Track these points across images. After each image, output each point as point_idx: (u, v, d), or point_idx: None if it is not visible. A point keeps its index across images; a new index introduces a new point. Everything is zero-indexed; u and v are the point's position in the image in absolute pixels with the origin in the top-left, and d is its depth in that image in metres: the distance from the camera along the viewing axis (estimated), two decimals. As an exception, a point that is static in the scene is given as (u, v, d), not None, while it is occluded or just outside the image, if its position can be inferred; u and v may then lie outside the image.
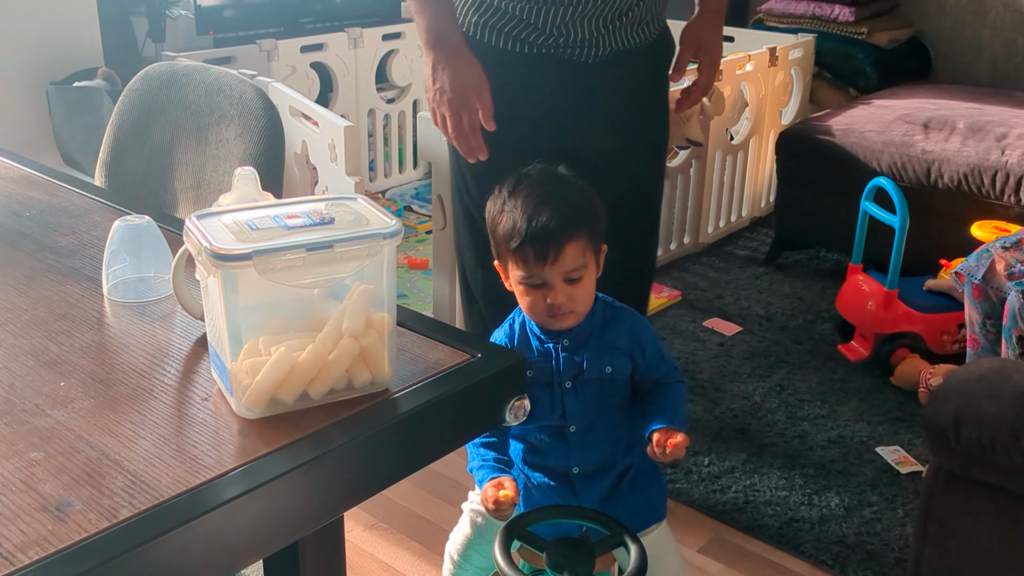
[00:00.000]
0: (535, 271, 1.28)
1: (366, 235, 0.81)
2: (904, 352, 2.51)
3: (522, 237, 1.27)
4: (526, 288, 1.30)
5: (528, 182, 1.33)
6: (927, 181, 2.86)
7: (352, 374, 0.85)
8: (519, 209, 1.29)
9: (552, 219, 1.27)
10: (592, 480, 1.39)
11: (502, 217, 1.31)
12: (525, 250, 1.27)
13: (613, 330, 1.37)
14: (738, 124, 3.43)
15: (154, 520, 0.69)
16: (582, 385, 1.35)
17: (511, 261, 1.30)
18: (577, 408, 1.36)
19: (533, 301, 1.30)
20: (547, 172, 1.37)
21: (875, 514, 2.02)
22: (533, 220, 1.27)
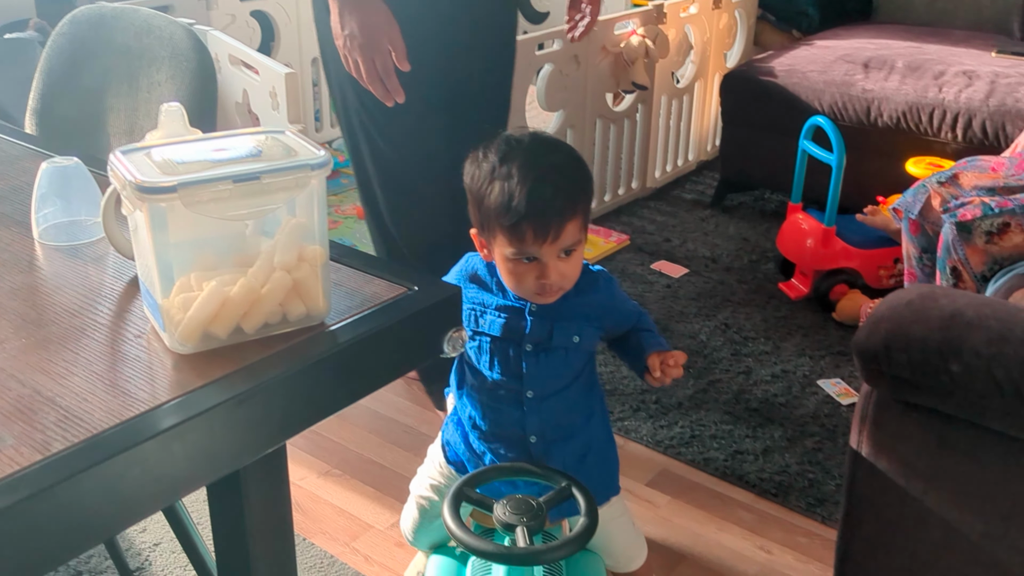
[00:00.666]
0: (530, 248, 1.22)
1: (294, 166, 0.81)
2: (842, 288, 2.57)
3: (521, 214, 1.20)
4: (516, 263, 1.25)
5: (522, 150, 1.25)
6: (867, 120, 2.90)
7: (286, 308, 0.85)
8: (517, 182, 1.21)
9: (556, 197, 1.21)
10: (551, 450, 1.37)
11: (492, 188, 1.23)
12: (522, 228, 1.21)
13: (587, 297, 1.34)
14: (683, 67, 3.44)
15: (87, 452, 0.69)
16: (545, 352, 1.32)
17: (501, 235, 1.23)
18: (536, 372, 1.33)
19: (522, 276, 1.25)
20: (539, 139, 1.30)
21: (816, 444, 2.08)
22: (534, 196, 1.20)
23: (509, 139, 1.28)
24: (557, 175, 1.24)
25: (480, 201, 1.26)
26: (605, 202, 3.26)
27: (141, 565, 1.73)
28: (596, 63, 2.96)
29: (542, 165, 1.24)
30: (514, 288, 1.29)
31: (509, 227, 1.22)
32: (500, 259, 1.27)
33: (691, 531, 1.84)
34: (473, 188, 1.28)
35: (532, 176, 1.22)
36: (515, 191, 1.21)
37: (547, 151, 1.28)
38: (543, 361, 1.32)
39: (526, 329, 1.31)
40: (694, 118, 3.58)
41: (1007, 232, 1.77)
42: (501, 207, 1.22)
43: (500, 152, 1.25)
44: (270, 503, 0.94)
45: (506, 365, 1.33)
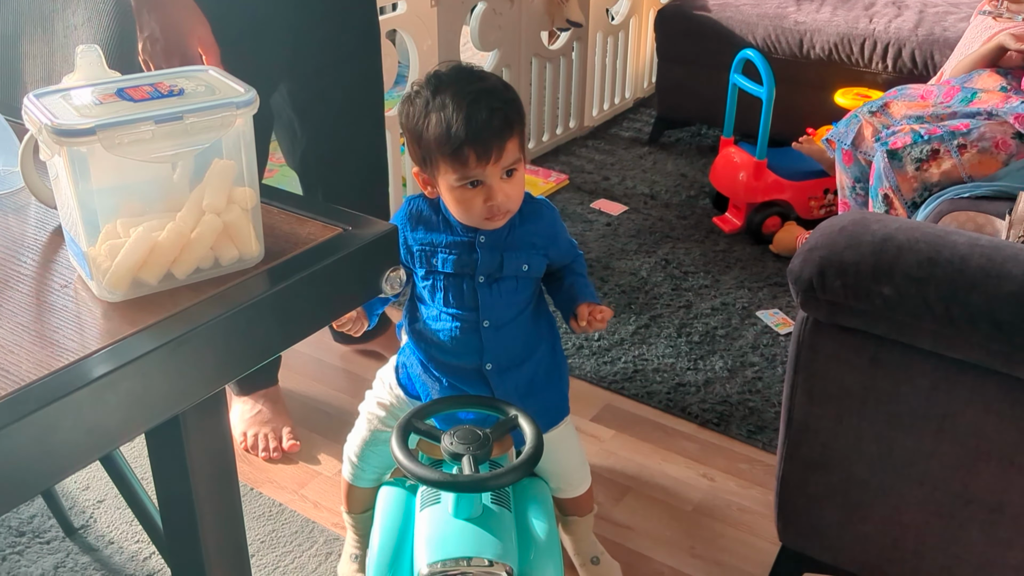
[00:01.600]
0: (474, 172, 1.26)
1: (217, 104, 0.79)
2: (775, 220, 2.61)
3: (462, 139, 1.24)
4: (462, 190, 1.28)
5: (451, 80, 1.28)
6: (799, 52, 2.92)
7: (218, 251, 0.84)
8: (452, 110, 1.25)
9: (493, 117, 1.25)
10: (505, 377, 1.41)
11: (430, 120, 1.26)
12: (464, 152, 1.24)
13: (531, 225, 1.38)
14: (617, 4, 3.41)
15: (16, 403, 0.67)
16: (497, 281, 1.36)
17: (444, 164, 1.27)
18: (491, 302, 1.37)
19: (469, 203, 1.29)
20: (462, 69, 1.32)
21: (756, 374, 2.12)
22: (472, 120, 1.24)
23: (437, 73, 1.30)
24: (490, 97, 1.27)
25: (419, 136, 1.28)
26: (543, 142, 3.25)
27: (85, 523, 1.71)
28: (530, 1, 2.92)
29: (473, 91, 1.27)
30: (462, 217, 1.32)
31: (451, 154, 1.25)
32: (446, 190, 1.30)
33: (636, 463, 1.88)
34: (410, 126, 1.30)
35: (466, 102, 1.25)
36: (452, 118, 1.24)
37: (475, 78, 1.30)
38: (496, 291, 1.37)
39: (478, 262, 1.35)
40: (630, 55, 3.56)
41: (936, 158, 1.80)
42: (441, 136, 1.25)
43: (431, 86, 1.28)
44: (212, 448, 0.93)
45: (461, 299, 1.37)
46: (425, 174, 1.33)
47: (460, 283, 1.37)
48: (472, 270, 1.35)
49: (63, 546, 1.66)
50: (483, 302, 1.37)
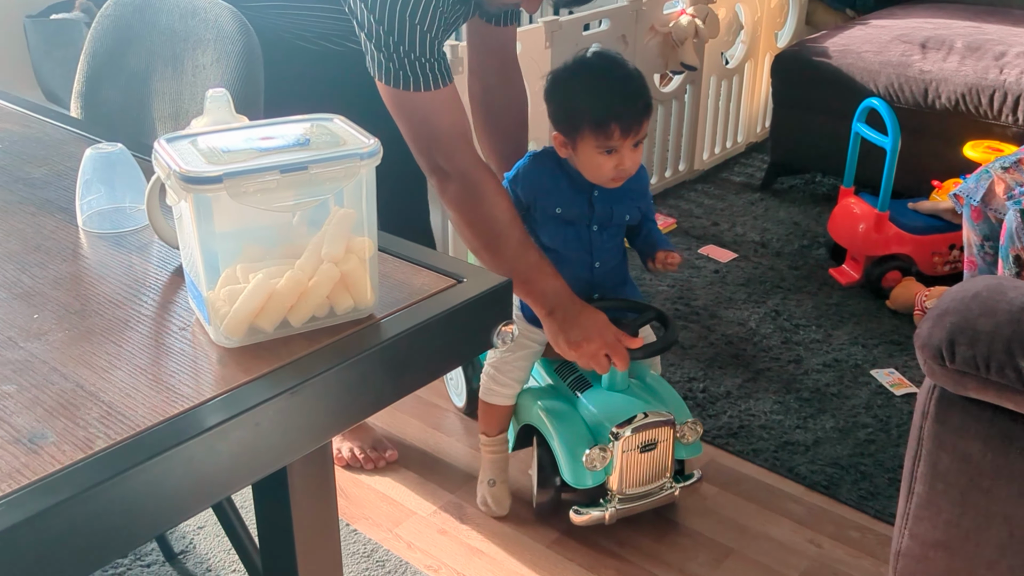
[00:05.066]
0: (614, 143, 1.56)
1: (343, 155, 0.78)
2: (895, 274, 2.50)
3: (611, 116, 1.54)
4: (599, 156, 1.58)
5: (599, 64, 1.61)
6: (924, 102, 2.82)
7: (334, 301, 0.83)
8: (604, 90, 1.56)
9: (637, 101, 1.57)
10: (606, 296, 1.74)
11: (580, 95, 1.57)
12: (610, 127, 1.55)
13: (633, 183, 1.67)
14: (733, 47, 3.36)
15: (130, 450, 0.68)
16: (607, 229, 1.69)
17: (590, 134, 1.56)
18: (603, 247, 1.70)
19: (602, 166, 1.59)
20: (607, 55, 1.64)
21: (869, 436, 2.02)
22: (620, 101, 1.55)
23: (586, 58, 1.63)
24: (634, 83, 1.60)
25: (570, 107, 1.58)
26: (652, 184, 3.21)
27: (185, 548, 1.74)
28: (644, 43, 2.90)
29: (621, 75, 1.59)
30: (592, 176, 1.62)
31: (599, 127, 1.55)
32: (585, 153, 1.59)
33: (739, 524, 1.81)
34: (560, 97, 1.61)
35: (617, 85, 1.57)
36: (604, 97, 1.56)
37: (620, 64, 1.62)
38: (607, 237, 1.70)
39: (595, 213, 1.67)
40: (744, 99, 3.50)
41: (1075, 220, 1.70)
42: (593, 111, 1.55)
43: (583, 67, 1.61)
44: (316, 498, 0.92)
45: (577, 242, 1.69)
46: (565, 137, 1.60)
47: (577, 230, 1.68)
48: (589, 219, 1.67)
49: (163, 570, 1.69)
50: (596, 247, 1.69)
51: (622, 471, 1.66)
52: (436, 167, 1.49)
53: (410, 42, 1.38)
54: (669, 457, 1.71)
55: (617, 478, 1.67)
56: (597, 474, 1.66)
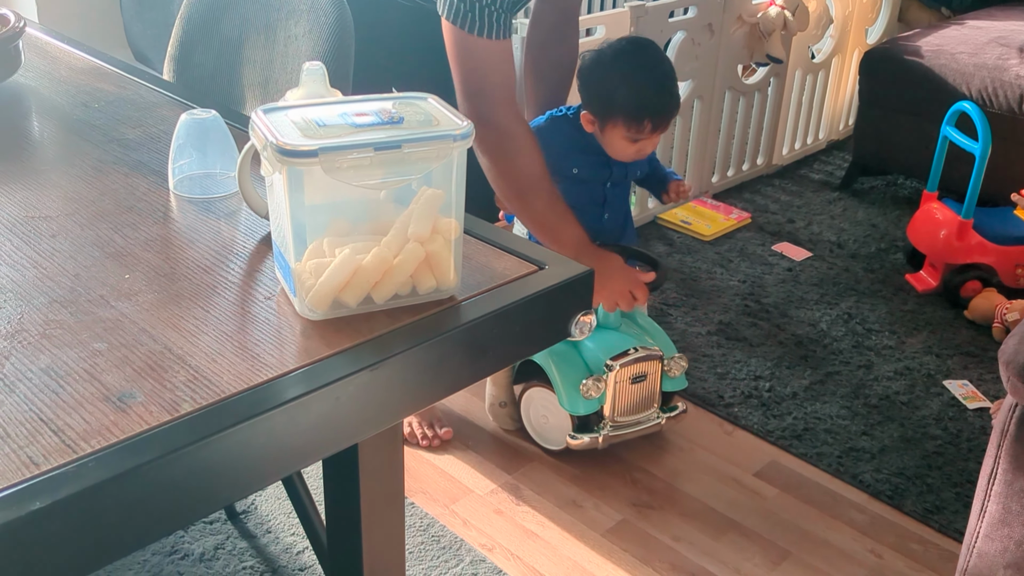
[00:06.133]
0: (644, 134, 1.70)
1: (435, 136, 0.78)
2: (974, 284, 2.43)
3: (647, 112, 1.67)
4: (625, 141, 1.72)
5: (639, 56, 1.71)
6: (1018, 108, 2.72)
7: (417, 280, 0.83)
8: (642, 85, 1.67)
9: (672, 101, 1.71)
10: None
11: (620, 86, 1.67)
12: (643, 122, 1.68)
13: None
14: (821, 42, 3.29)
15: (215, 416, 0.69)
16: (618, 185, 1.85)
17: (623, 122, 1.69)
18: (614, 202, 1.86)
19: (625, 148, 1.74)
20: (646, 45, 1.74)
21: (937, 448, 1.98)
22: (657, 100, 1.68)
23: (623, 48, 1.71)
24: (670, 82, 1.71)
25: (606, 94, 1.69)
26: (727, 177, 3.16)
27: (247, 508, 1.77)
28: (731, 33, 2.85)
29: (660, 73, 1.70)
30: (615, 154, 1.77)
31: (633, 119, 1.68)
32: (612, 136, 1.73)
33: (798, 528, 1.78)
34: (595, 84, 1.72)
35: (655, 82, 1.69)
36: (642, 93, 1.67)
37: (660, 58, 1.74)
38: (618, 192, 1.86)
39: (612, 173, 1.82)
40: (828, 95, 3.43)
41: None
42: (630, 104, 1.67)
43: (623, 57, 1.69)
44: (384, 475, 0.93)
45: (590, 197, 1.82)
46: (595, 117, 1.73)
47: (591, 188, 1.82)
48: (606, 178, 1.82)
49: (224, 528, 1.73)
50: (609, 200, 1.85)
51: (614, 400, 1.84)
52: (478, 115, 1.54)
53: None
54: (657, 389, 1.90)
55: (610, 406, 1.84)
56: (591, 402, 1.83)
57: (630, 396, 1.87)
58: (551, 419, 1.91)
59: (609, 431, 1.86)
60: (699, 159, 2.99)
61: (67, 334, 0.77)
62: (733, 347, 2.30)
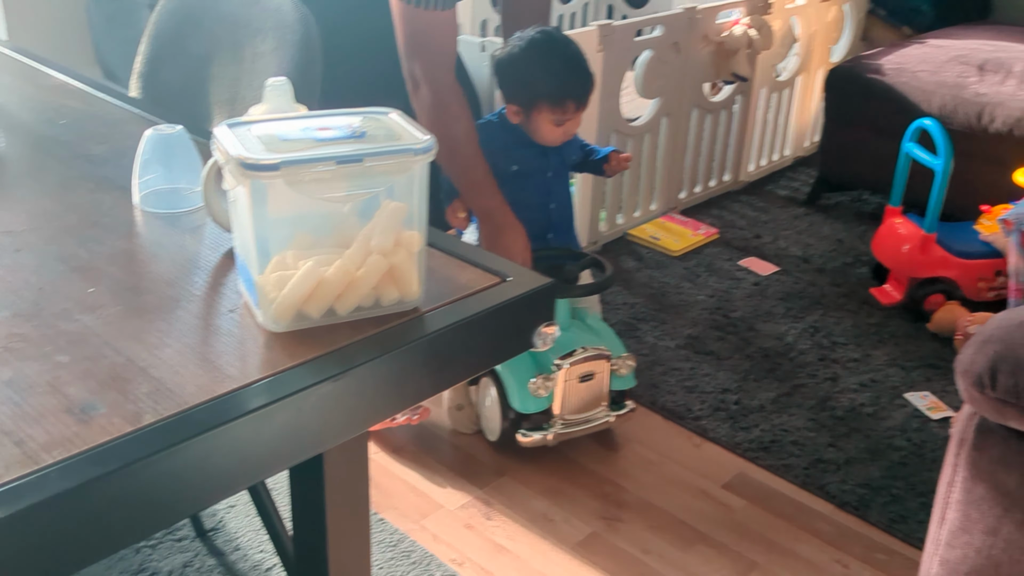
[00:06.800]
0: (569, 115, 1.81)
1: (397, 150, 0.79)
2: (938, 298, 2.47)
3: (568, 93, 1.79)
4: (552, 125, 1.82)
5: (552, 43, 1.81)
6: (977, 124, 2.78)
7: (380, 292, 0.84)
8: (560, 70, 1.79)
9: (588, 80, 1.81)
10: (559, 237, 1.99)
11: (539, 74, 1.79)
12: (567, 102, 1.79)
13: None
14: (786, 60, 3.34)
15: (177, 426, 0.69)
16: (558, 174, 1.94)
17: (547, 107, 1.80)
18: (557, 189, 1.95)
19: (553, 131, 1.83)
20: (555, 35, 1.85)
21: (902, 459, 2.01)
22: (577, 80, 1.80)
23: (535, 38, 1.81)
24: (583, 61, 1.82)
25: (528, 82, 1.81)
26: (695, 193, 3.20)
27: (216, 526, 1.76)
28: (697, 52, 2.89)
29: (573, 55, 1.81)
30: (543, 140, 1.86)
31: (557, 102, 1.79)
32: (539, 122, 1.83)
33: (766, 539, 1.80)
34: (513, 73, 1.83)
35: (570, 63, 1.80)
36: (562, 77, 1.79)
37: (569, 43, 1.84)
38: (558, 180, 1.95)
39: (550, 162, 1.91)
40: (793, 113, 3.48)
41: None
42: (552, 89, 1.79)
43: (537, 46, 1.80)
44: (349, 485, 0.94)
45: (535, 190, 1.92)
46: (520, 108, 1.83)
47: (534, 180, 1.90)
48: (545, 168, 1.90)
49: (193, 546, 1.72)
50: (552, 190, 1.93)
51: (564, 398, 1.88)
52: (414, 75, 1.71)
53: None
54: (605, 387, 1.94)
55: (559, 404, 1.89)
56: (541, 401, 1.88)
57: (579, 394, 1.91)
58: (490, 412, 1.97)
59: (559, 429, 1.90)
60: (667, 175, 3.03)
61: (30, 347, 0.78)
62: (701, 360, 2.33)
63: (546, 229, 1.97)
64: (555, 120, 1.82)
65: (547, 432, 1.90)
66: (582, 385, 1.90)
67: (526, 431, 1.90)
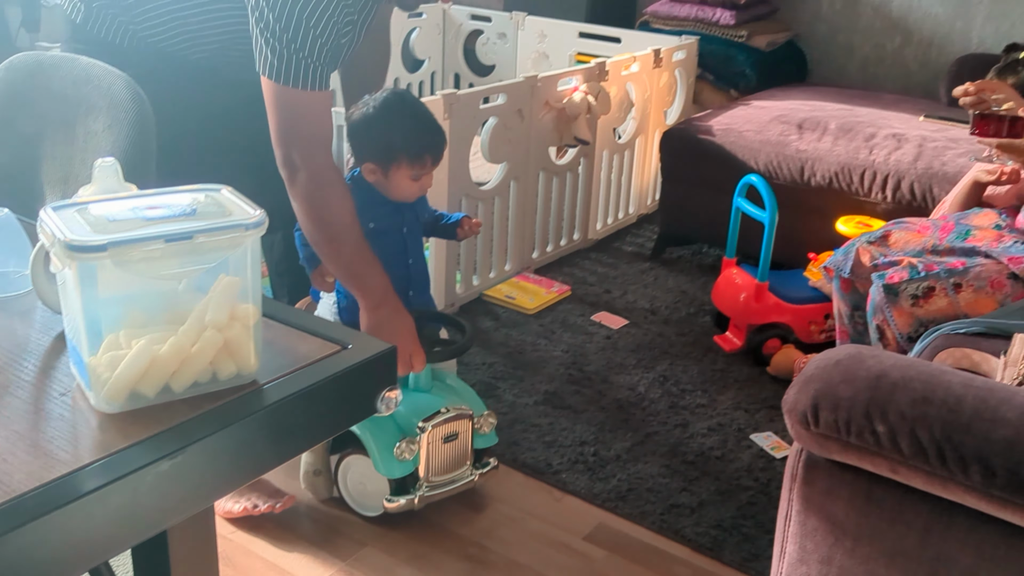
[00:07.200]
0: (425, 170, 1.87)
1: (227, 226, 0.81)
2: (775, 342, 2.62)
3: (426, 148, 1.84)
4: (409, 181, 1.86)
5: (404, 103, 1.88)
6: (800, 179, 2.98)
7: (217, 366, 0.85)
8: (415, 126, 1.85)
9: (440, 135, 1.88)
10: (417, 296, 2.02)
11: (396, 132, 1.83)
12: (424, 157, 1.85)
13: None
14: (624, 123, 3.50)
15: (6, 515, 0.68)
16: (413, 230, 1.98)
17: (406, 163, 1.84)
18: (413, 246, 1.98)
19: (410, 187, 1.88)
20: (406, 94, 1.95)
21: (751, 499, 2.10)
22: (431, 136, 1.86)
23: (388, 98, 1.87)
24: (433, 119, 1.90)
25: (386, 141, 1.83)
26: (547, 252, 3.29)
27: (62, 623, 1.68)
28: (539, 118, 3.00)
29: (424, 112, 1.90)
30: (400, 196, 1.91)
31: (415, 157, 1.84)
32: (397, 179, 1.87)
33: (626, 586, 1.84)
34: (369, 134, 1.85)
35: (426, 120, 1.87)
36: (418, 133, 1.85)
37: (419, 102, 1.95)
38: (413, 236, 1.99)
39: (404, 219, 1.95)
40: (635, 173, 3.64)
41: (932, 296, 1.82)
42: (410, 145, 1.83)
43: (390, 106, 1.84)
44: (196, 561, 0.92)
45: (394, 246, 1.95)
46: (377, 165, 1.86)
47: (392, 237, 1.94)
48: (401, 225, 1.94)
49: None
50: (410, 246, 1.97)
51: (428, 460, 1.90)
52: (291, 161, 1.66)
53: (302, 42, 1.55)
54: (469, 446, 1.97)
55: (424, 467, 1.90)
56: (406, 464, 1.88)
57: (443, 455, 1.93)
58: (368, 485, 1.94)
59: (425, 491, 1.91)
60: (519, 236, 3.11)
61: None
62: (559, 415, 2.38)
63: (407, 286, 1.99)
64: (413, 175, 1.86)
65: (413, 496, 1.91)
66: (446, 446, 1.92)
67: (391, 496, 1.90)
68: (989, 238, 1.92)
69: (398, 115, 1.86)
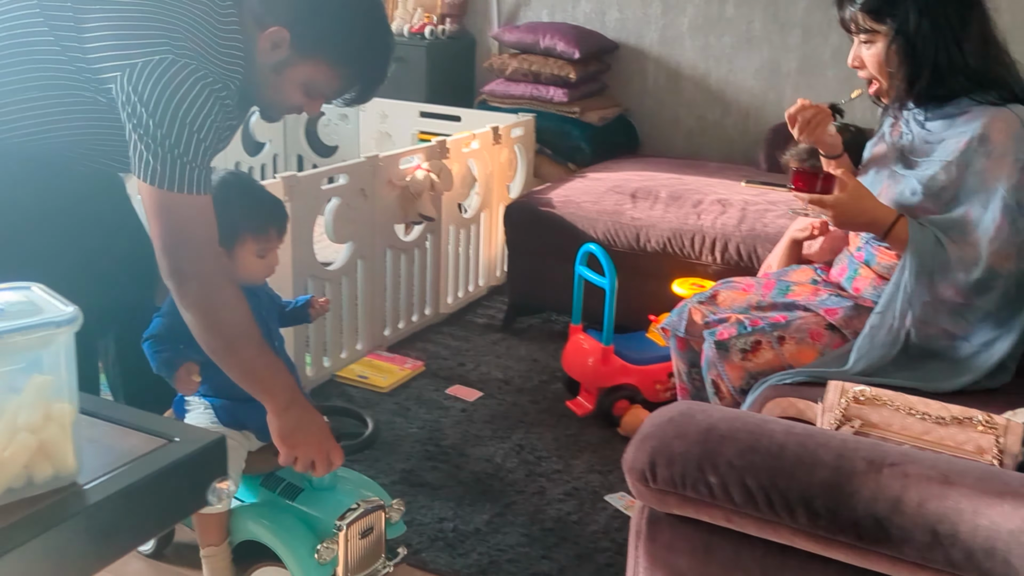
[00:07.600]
0: (271, 244, 1.85)
1: (37, 324, 0.79)
2: (624, 403, 2.70)
3: (270, 222, 1.84)
4: (256, 259, 1.83)
5: (239, 178, 1.91)
6: (636, 245, 3.11)
7: (32, 470, 0.82)
8: (258, 201, 1.85)
9: (281, 206, 1.89)
10: None
11: (237, 210, 1.77)
12: (269, 231, 1.84)
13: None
14: (468, 199, 3.58)
15: None
16: (269, 312, 1.94)
17: (251, 240, 1.80)
18: (273, 328, 1.93)
19: (257, 266, 1.84)
20: (240, 173, 2.00)
21: (608, 560, 2.13)
22: (275, 207, 1.87)
23: (228, 176, 1.85)
24: (272, 194, 1.91)
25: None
26: (399, 329, 3.30)
27: None
28: (383, 196, 3.04)
29: (260, 188, 1.92)
30: (249, 277, 1.84)
31: (259, 231, 1.82)
32: (243, 258, 1.82)
33: (490, 661, 1.83)
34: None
35: (263, 196, 1.88)
36: (262, 208, 1.85)
37: (252, 179, 2.02)
38: (271, 320, 1.93)
39: (261, 302, 1.89)
40: (482, 245, 3.71)
41: (759, 349, 1.93)
42: (255, 220, 1.82)
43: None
44: None
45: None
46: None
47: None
48: (257, 307, 1.78)
49: None
50: (271, 330, 1.89)
51: (347, 559, 1.82)
52: (180, 270, 1.58)
53: (185, 145, 1.51)
54: (382, 538, 1.91)
55: (343, 566, 1.81)
56: (326, 567, 1.80)
57: (361, 551, 1.85)
58: None
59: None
60: (369, 315, 3.11)
61: None
62: (417, 493, 2.37)
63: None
64: (258, 251, 1.82)
65: None
66: (363, 540, 1.83)
67: None
68: (807, 292, 2.06)
69: (237, 192, 1.83)
